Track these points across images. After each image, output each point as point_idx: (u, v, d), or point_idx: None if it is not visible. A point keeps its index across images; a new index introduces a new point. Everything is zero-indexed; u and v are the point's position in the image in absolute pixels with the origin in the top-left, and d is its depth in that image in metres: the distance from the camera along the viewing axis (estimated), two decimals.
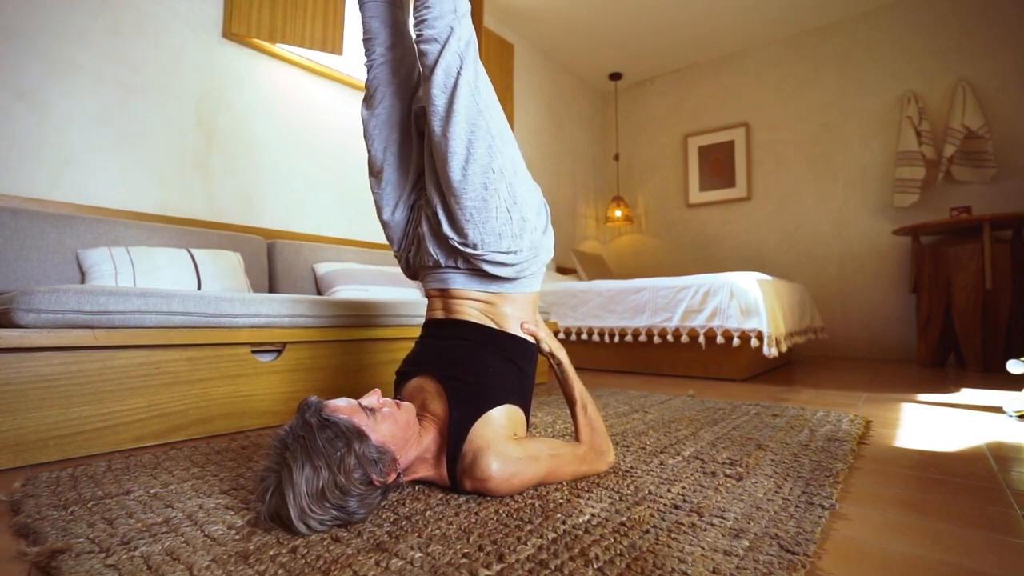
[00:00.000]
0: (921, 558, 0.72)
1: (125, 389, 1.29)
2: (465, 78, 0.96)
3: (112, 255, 1.72)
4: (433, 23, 0.95)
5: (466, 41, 0.98)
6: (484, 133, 0.97)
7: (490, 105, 1.00)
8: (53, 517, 0.82)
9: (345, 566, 0.66)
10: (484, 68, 1.03)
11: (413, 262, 1.19)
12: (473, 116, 0.97)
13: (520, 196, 1.01)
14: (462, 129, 0.96)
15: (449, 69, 0.95)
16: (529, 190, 1.05)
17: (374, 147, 1.18)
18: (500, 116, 1.02)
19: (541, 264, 1.10)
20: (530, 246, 1.04)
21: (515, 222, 1.00)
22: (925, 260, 3.20)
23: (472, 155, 0.96)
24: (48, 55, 1.87)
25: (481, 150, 0.97)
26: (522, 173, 1.04)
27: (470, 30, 0.99)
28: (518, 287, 1.08)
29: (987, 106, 3.42)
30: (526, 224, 1.02)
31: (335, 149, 2.80)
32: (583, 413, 1.07)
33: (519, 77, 4.11)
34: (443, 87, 0.96)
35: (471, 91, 0.97)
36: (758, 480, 1.01)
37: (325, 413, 0.78)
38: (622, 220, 4.81)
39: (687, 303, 2.76)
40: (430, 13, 0.95)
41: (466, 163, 0.96)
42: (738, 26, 4.10)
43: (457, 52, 0.96)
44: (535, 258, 1.07)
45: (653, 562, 0.67)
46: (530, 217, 1.03)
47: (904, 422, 1.63)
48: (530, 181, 1.08)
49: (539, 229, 1.07)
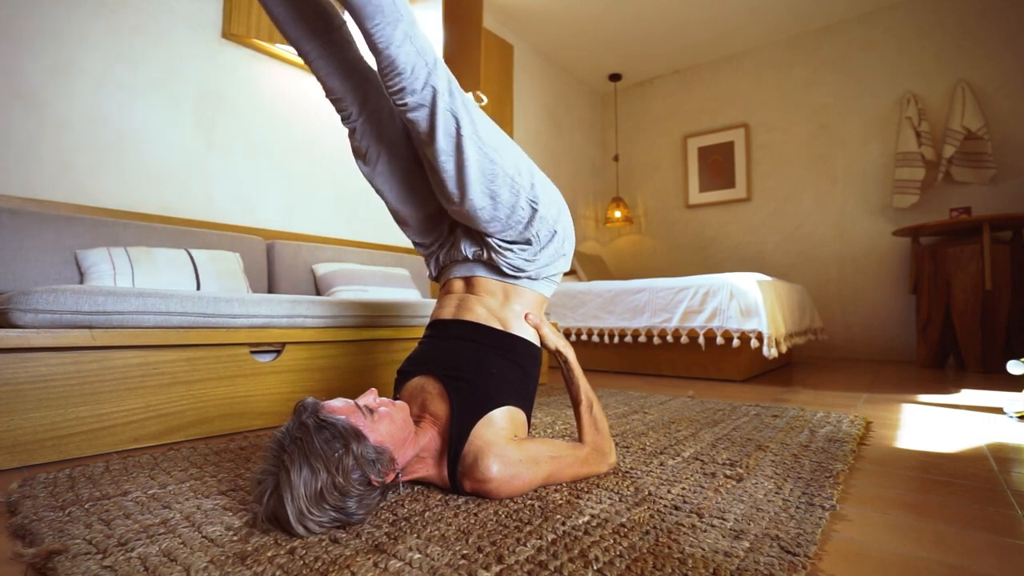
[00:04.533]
0: (922, 559, 0.72)
1: (123, 390, 1.29)
2: (466, 134, 0.93)
3: (111, 255, 1.72)
4: (412, 90, 0.89)
5: (451, 92, 0.92)
6: (502, 177, 0.97)
7: (497, 146, 0.97)
8: (50, 518, 0.82)
9: (343, 567, 0.66)
10: (471, 100, 0.99)
11: (444, 259, 1.20)
12: (487, 167, 0.96)
13: (544, 201, 1.05)
14: (480, 186, 0.97)
15: (448, 130, 0.92)
16: (548, 191, 1.08)
17: (389, 200, 1.17)
18: (507, 146, 1.01)
19: (558, 270, 1.14)
20: (553, 248, 1.09)
21: (543, 225, 1.06)
22: (925, 261, 3.20)
23: (498, 202, 0.99)
24: (47, 55, 1.87)
25: (505, 194, 0.99)
26: (540, 181, 1.06)
27: (447, 75, 0.93)
28: (534, 286, 1.12)
29: (986, 107, 3.42)
30: (556, 224, 1.08)
31: (334, 149, 2.80)
32: (588, 413, 1.06)
33: (519, 78, 4.11)
34: (448, 152, 0.93)
35: (476, 145, 0.94)
36: (758, 481, 1.01)
37: (322, 414, 0.78)
38: (622, 221, 4.81)
39: (687, 304, 2.76)
40: (405, 80, 0.89)
41: (494, 210, 1.00)
42: (738, 27, 4.10)
43: (448, 109, 0.91)
44: (554, 258, 1.11)
45: (653, 563, 0.67)
46: (552, 216, 1.07)
47: (904, 423, 1.63)
48: (547, 183, 1.09)
49: (564, 228, 1.10)
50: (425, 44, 0.90)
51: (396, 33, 0.86)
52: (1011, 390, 2.23)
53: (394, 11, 0.86)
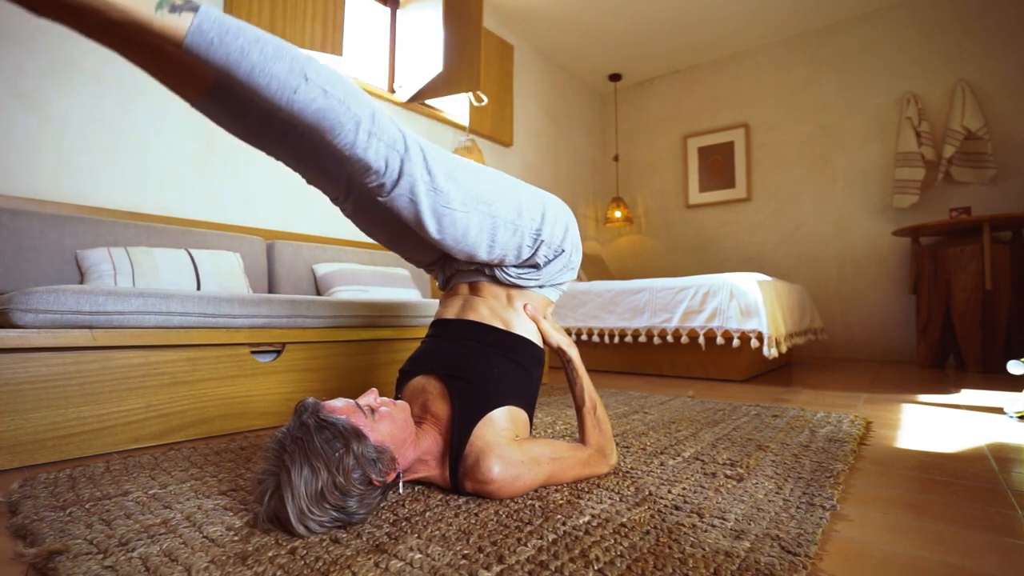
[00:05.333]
0: (922, 559, 0.72)
1: (123, 390, 1.29)
2: (456, 204, 0.91)
3: (111, 255, 1.72)
4: (390, 182, 0.86)
5: (428, 169, 0.88)
6: (504, 226, 0.98)
7: (493, 199, 0.96)
8: (51, 518, 0.82)
9: (344, 567, 0.66)
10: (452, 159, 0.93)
11: (448, 270, 1.19)
12: (486, 224, 0.96)
13: (549, 227, 1.04)
14: (482, 241, 0.97)
15: (435, 210, 0.90)
16: (553, 212, 1.06)
17: (382, 243, 1.17)
18: (503, 191, 0.99)
19: (565, 279, 1.15)
20: (561, 263, 1.10)
21: (548, 249, 1.06)
22: (925, 261, 3.20)
23: (499, 245, 1.00)
24: (48, 55, 1.87)
25: (507, 237, 1.00)
26: (544, 206, 1.04)
27: (420, 153, 0.87)
28: (540, 291, 1.13)
29: (986, 107, 3.42)
30: (563, 242, 1.08)
31: None
32: (591, 414, 1.06)
33: (519, 78, 4.11)
34: (442, 229, 0.92)
35: (469, 208, 0.93)
36: (759, 481, 1.01)
37: (322, 414, 0.78)
38: (622, 221, 4.81)
39: (687, 304, 2.76)
40: (380, 177, 0.85)
41: (498, 252, 1.01)
42: (738, 27, 4.10)
43: (431, 190, 0.88)
44: (561, 272, 1.11)
45: (654, 563, 0.67)
46: (559, 236, 1.07)
47: (905, 423, 1.63)
48: (551, 204, 1.07)
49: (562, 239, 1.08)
50: (391, 131, 0.85)
51: (359, 137, 0.81)
52: (1011, 390, 2.23)
53: (351, 117, 0.80)
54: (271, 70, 0.75)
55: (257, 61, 0.74)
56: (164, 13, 0.70)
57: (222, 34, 0.73)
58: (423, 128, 3.31)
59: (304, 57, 0.79)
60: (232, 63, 0.74)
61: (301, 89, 0.77)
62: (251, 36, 0.75)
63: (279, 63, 0.76)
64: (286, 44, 0.78)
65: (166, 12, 0.70)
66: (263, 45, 0.75)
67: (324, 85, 0.78)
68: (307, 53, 0.81)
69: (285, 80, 0.76)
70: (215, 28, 0.73)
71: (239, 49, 0.74)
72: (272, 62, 0.75)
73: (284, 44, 0.78)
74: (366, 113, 0.82)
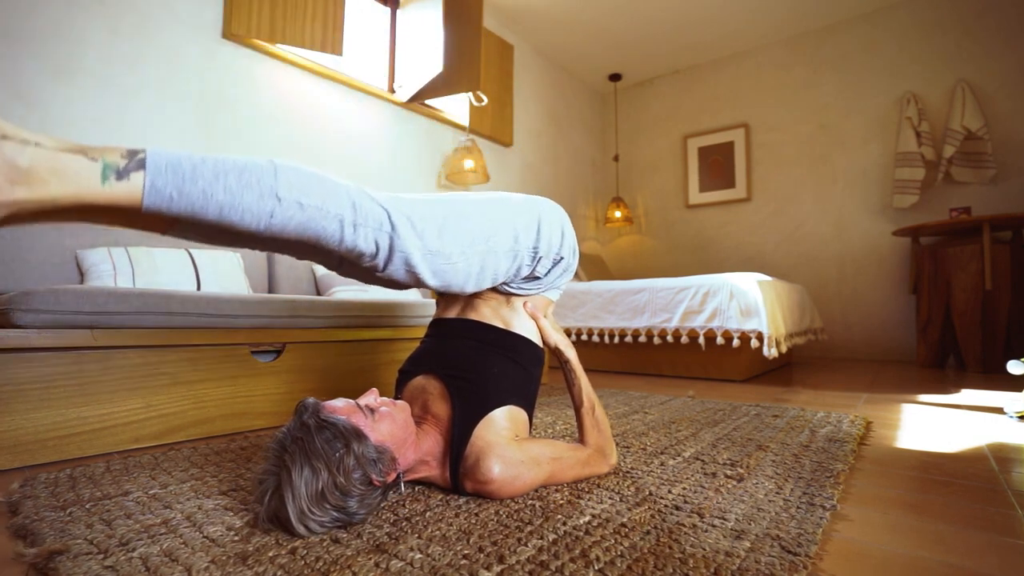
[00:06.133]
0: (922, 559, 0.72)
1: (124, 390, 1.29)
2: (456, 259, 0.90)
3: (111, 256, 1.72)
4: (383, 262, 0.84)
5: (418, 235, 0.84)
6: (504, 256, 0.97)
7: (489, 235, 0.93)
8: (51, 518, 0.82)
9: (344, 567, 0.66)
10: (430, 202, 0.89)
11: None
12: (488, 263, 0.96)
13: (545, 241, 1.03)
14: (485, 278, 0.97)
15: (435, 270, 0.89)
16: (549, 223, 1.04)
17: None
18: (496, 223, 0.95)
19: (564, 281, 1.14)
20: (560, 269, 1.09)
21: (547, 261, 1.05)
22: (925, 261, 3.20)
23: (500, 273, 0.99)
24: (48, 56, 1.87)
25: (506, 265, 0.99)
26: (540, 220, 1.02)
27: (404, 223, 0.83)
28: (540, 293, 1.13)
29: (986, 107, 3.42)
30: (561, 250, 1.07)
31: (335, 149, 2.80)
32: (590, 415, 1.06)
33: (519, 78, 4.11)
34: (446, 282, 0.92)
35: (468, 260, 0.92)
36: (759, 481, 1.01)
37: (323, 414, 0.78)
38: (622, 221, 4.81)
39: (687, 304, 2.76)
40: (373, 259, 0.83)
41: (500, 279, 1.01)
42: (738, 27, 4.10)
43: (426, 255, 0.86)
44: (561, 276, 1.11)
45: (654, 563, 0.67)
46: (556, 246, 1.06)
47: (905, 423, 1.63)
48: (547, 212, 1.05)
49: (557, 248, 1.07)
50: (375, 214, 0.80)
51: (345, 232, 0.78)
52: (1011, 390, 2.23)
53: (333, 218, 0.76)
54: (240, 204, 0.70)
55: (224, 200, 0.69)
56: (112, 183, 0.64)
57: (179, 184, 0.67)
58: (423, 128, 3.31)
59: (269, 171, 0.73)
60: (198, 211, 0.68)
61: (276, 212, 0.72)
62: (210, 174, 0.68)
63: (247, 193, 0.70)
64: (247, 164, 0.72)
65: (114, 182, 0.64)
66: (225, 179, 0.69)
67: (298, 198, 0.73)
68: (269, 160, 0.74)
69: (257, 210, 0.71)
70: (170, 181, 0.66)
71: (201, 193, 0.68)
72: (239, 195, 0.70)
73: (246, 166, 0.71)
74: (346, 207, 0.78)
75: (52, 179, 0.61)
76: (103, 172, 0.63)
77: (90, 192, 0.63)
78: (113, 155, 0.65)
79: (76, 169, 0.63)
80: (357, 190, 0.81)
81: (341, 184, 0.80)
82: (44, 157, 0.61)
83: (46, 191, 0.61)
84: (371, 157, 2.98)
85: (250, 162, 0.72)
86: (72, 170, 0.62)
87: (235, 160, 0.71)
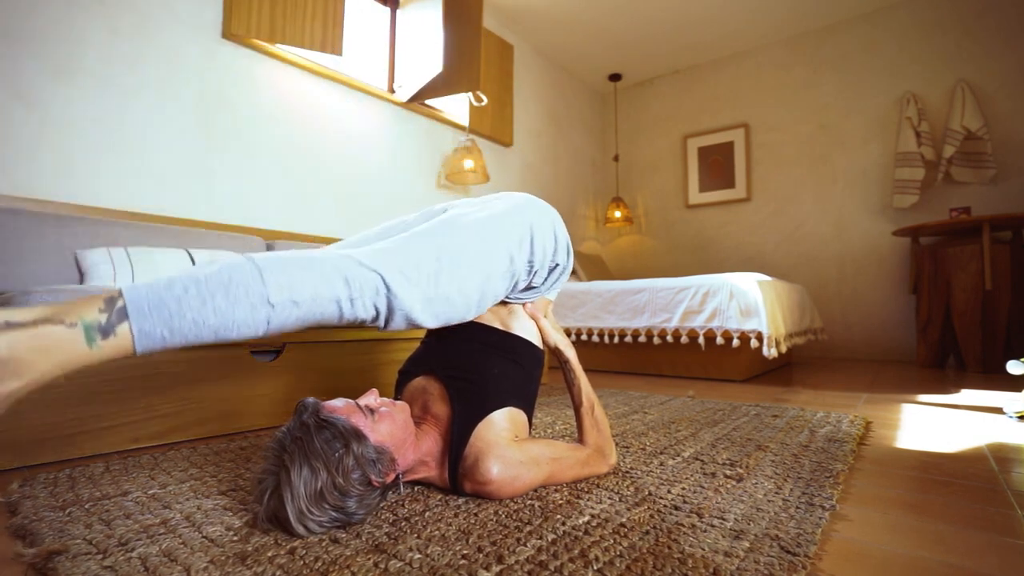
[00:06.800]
0: (922, 559, 0.72)
1: (123, 390, 1.29)
2: (450, 298, 0.86)
3: (111, 256, 1.72)
4: (384, 321, 0.82)
5: (414, 284, 0.81)
6: (500, 278, 0.94)
7: (472, 271, 0.88)
8: (50, 518, 0.82)
9: (344, 567, 0.66)
10: (423, 243, 0.86)
11: None
12: (486, 289, 0.92)
13: (539, 252, 1.00)
14: (487, 302, 0.94)
15: (436, 314, 0.86)
16: (542, 232, 1.00)
17: None
18: (491, 243, 0.92)
19: (562, 282, 1.13)
20: (556, 274, 1.07)
21: (542, 270, 1.03)
22: (925, 261, 3.20)
23: (500, 293, 0.97)
24: (48, 56, 1.87)
25: (504, 286, 0.96)
26: (532, 231, 0.98)
27: (397, 279, 0.80)
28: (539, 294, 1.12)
29: (986, 107, 3.42)
30: (556, 256, 1.05)
31: (334, 149, 2.80)
32: (589, 415, 1.06)
33: (519, 78, 4.11)
34: (443, 321, 0.89)
35: (460, 293, 0.88)
36: (758, 481, 1.01)
37: (322, 414, 0.78)
38: (622, 221, 4.81)
39: (687, 304, 2.76)
40: (375, 321, 0.81)
41: (494, 301, 0.98)
42: (738, 27, 4.10)
43: (426, 304, 0.83)
44: (558, 279, 1.10)
45: (653, 563, 0.67)
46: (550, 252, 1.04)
47: (904, 423, 1.63)
48: (540, 217, 1.01)
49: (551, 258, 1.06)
50: (369, 281, 0.77)
51: (344, 309, 0.76)
52: (1011, 390, 2.23)
53: (330, 301, 0.74)
54: (234, 321, 0.67)
55: (217, 323, 0.66)
56: (99, 344, 0.61)
57: (168, 321, 0.64)
58: (423, 128, 3.31)
59: (255, 276, 0.69)
60: (192, 340, 0.66)
61: (272, 317, 0.70)
62: (196, 301, 0.65)
63: (238, 309, 0.67)
64: (231, 276, 0.68)
65: (100, 341, 0.61)
66: (213, 302, 0.66)
67: (291, 297, 0.71)
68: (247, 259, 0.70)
69: (253, 322, 0.69)
70: (158, 322, 0.64)
71: (192, 324, 0.65)
72: (231, 313, 0.67)
73: (231, 279, 0.68)
74: (340, 287, 0.75)
75: (37, 358, 0.58)
76: (87, 335, 0.61)
77: (79, 359, 0.61)
78: (90, 311, 0.61)
79: (58, 341, 0.59)
80: (344, 260, 0.77)
81: (327, 260, 0.76)
82: (22, 339, 0.58)
83: (34, 372, 0.58)
84: (371, 157, 2.98)
85: (233, 271, 0.69)
86: (54, 343, 0.59)
87: (217, 273, 0.68)
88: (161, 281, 0.66)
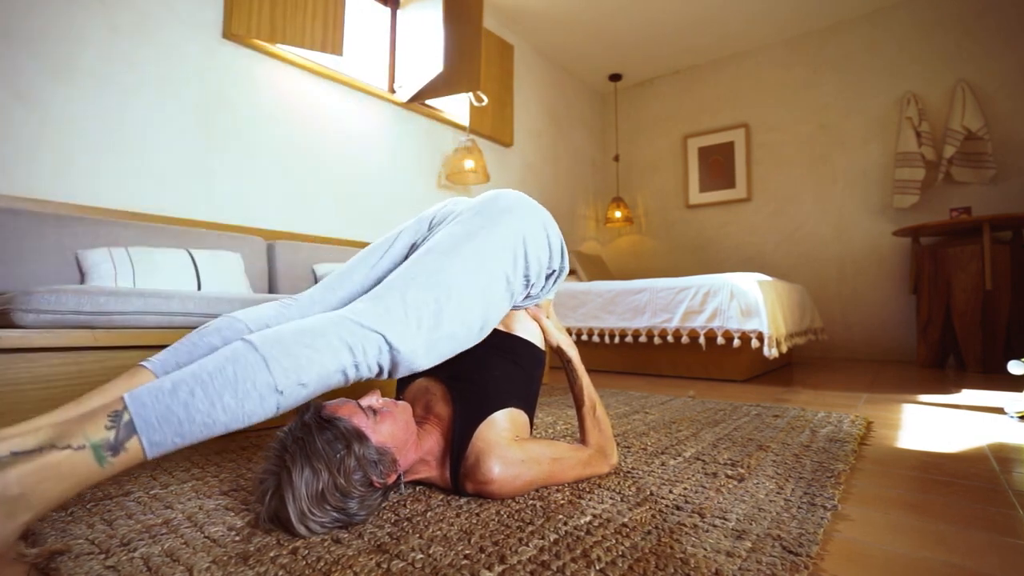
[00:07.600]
0: (923, 559, 0.72)
1: None
2: (454, 334, 0.84)
3: (112, 256, 1.72)
4: (388, 374, 0.81)
5: (416, 331, 0.79)
6: (499, 298, 0.92)
7: (474, 303, 0.86)
8: (52, 518, 0.82)
9: (346, 567, 0.66)
10: (422, 278, 0.83)
11: None
12: (491, 315, 0.90)
13: (534, 264, 0.97)
14: (478, 332, 0.91)
15: (442, 352, 0.84)
16: (536, 242, 0.97)
17: None
18: (487, 261, 0.89)
19: (560, 284, 1.12)
20: (552, 279, 1.05)
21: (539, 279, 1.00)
22: (925, 261, 3.20)
23: (501, 316, 0.94)
24: (48, 55, 1.87)
25: (505, 304, 0.95)
26: (527, 243, 0.95)
27: (399, 335, 0.78)
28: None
29: (987, 107, 3.42)
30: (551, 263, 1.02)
31: (335, 149, 2.80)
32: (591, 415, 1.05)
33: (519, 78, 4.11)
34: (449, 357, 0.88)
35: (463, 326, 0.86)
36: (760, 481, 1.01)
37: (324, 414, 0.78)
38: (622, 221, 4.81)
39: (687, 304, 2.76)
40: (384, 374, 0.80)
41: (498, 319, 0.96)
42: (738, 28, 4.10)
43: (429, 347, 0.81)
44: (556, 283, 1.09)
45: (655, 563, 0.67)
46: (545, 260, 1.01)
47: (905, 423, 1.63)
48: (532, 226, 0.97)
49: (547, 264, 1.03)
50: (371, 343, 0.75)
51: (350, 376, 0.76)
52: (1011, 390, 2.23)
53: (336, 373, 0.73)
54: (244, 414, 0.67)
55: (227, 420, 0.66)
56: (110, 461, 0.61)
57: (177, 428, 0.63)
58: (423, 128, 3.31)
59: (259, 366, 0.67)
60: (205, 437, 0.66)
61: (282, 402, 0.70)
62: (204, 405, 0.64)
63: (247, 403, 0.66)
64: (236, 370, 0.67)
65: (110, 458, 0.60)
66: (221, 401, 0.65)
67: (298, 380, 0.69)
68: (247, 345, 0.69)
69: (263, 411, 0.68)
70: (168, 431, 0.63)
71: (203, 426, 0.64)
72: (240, 409, 0.66)
73: (236, 374, 0.66)
74: (345, 356, 0.73)
75: (49, 487, 0.58)
76: (96, 456, 0.60)
77: (91, 479, 0.60)
78: (95, 429, 0.60)
79: (69, 466, 0.59)
80: (345, 325, 0.75)
81: (328, 329, 0.74)
82: (30, 471, 0.57)
83: (48, 499, 0.58)
84: (371, 157, 2.98)
85: (237, 366, 0.67)
86: (66, 469, 0.59)
87: (222, 370, 0.66)
88: (165, 387, 0.64)
